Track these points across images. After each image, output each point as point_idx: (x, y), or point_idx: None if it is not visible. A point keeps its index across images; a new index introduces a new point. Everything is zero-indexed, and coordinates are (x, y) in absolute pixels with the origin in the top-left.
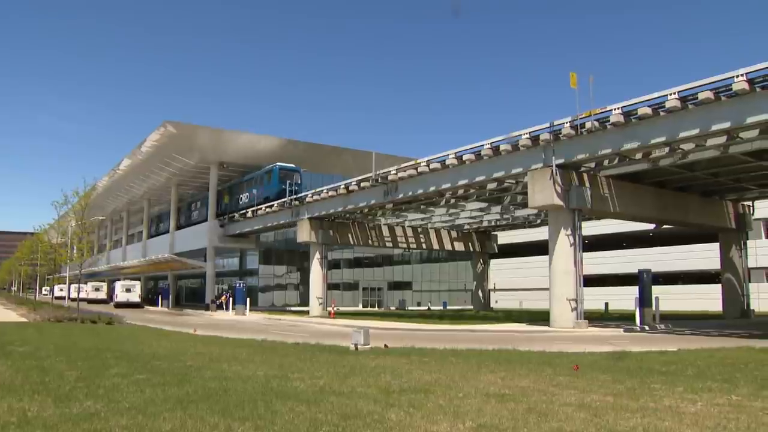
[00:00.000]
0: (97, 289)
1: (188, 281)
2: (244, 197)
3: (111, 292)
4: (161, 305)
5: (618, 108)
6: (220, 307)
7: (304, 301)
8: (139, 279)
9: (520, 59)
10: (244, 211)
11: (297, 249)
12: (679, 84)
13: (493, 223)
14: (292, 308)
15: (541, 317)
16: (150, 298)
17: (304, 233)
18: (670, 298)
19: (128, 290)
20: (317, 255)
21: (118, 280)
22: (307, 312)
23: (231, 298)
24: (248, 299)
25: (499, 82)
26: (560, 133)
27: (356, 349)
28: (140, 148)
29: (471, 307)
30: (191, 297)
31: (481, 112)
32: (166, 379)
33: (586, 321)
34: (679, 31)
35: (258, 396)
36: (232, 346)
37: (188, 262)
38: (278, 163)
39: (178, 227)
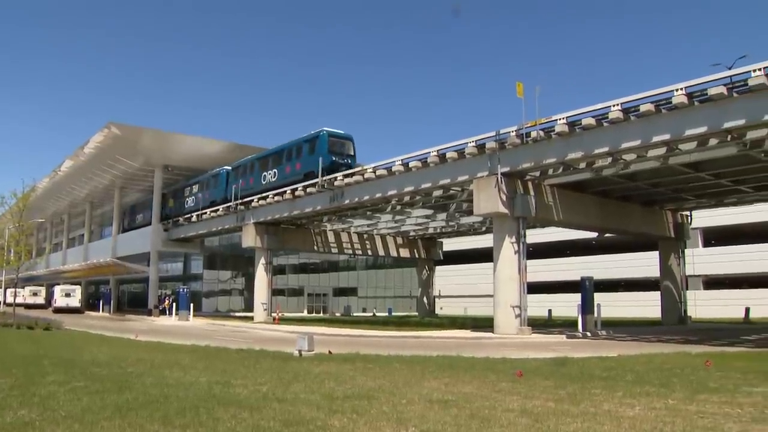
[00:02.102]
0: (35, 294)
1: (131, 286)
2: (270, 175)
3: (50, 296)
4: (102, 310)
5: (563, 118)
6: (163, 312)
7: (249, 306)
8: (79, 283)
9: (483, 66)
10: (188, 215)
11: (242, 254)
12: (623, 95)
13: (438, 230)
14: (237, 314)
15: (485, 324)
16: (91, 302)
17: (250, 238)
18: (611, 305)
19: (68, 295)
20: (262, 260)
21: (58, 284)
22: (252, 318)
23: (174, 304)
24: (192, 304)
25: (465, 92)
26: (506, 142)
27: (300, 355)
28: (83, 149)
29: (416, 313)
30: (134, 302)
31: (445, 123)
32: (105, 386)
33: (530, 327)
34: (636, 41)
35: (200, 403)
36: (175, 352)
37: (131, 266)
38: (326, 128)
39: (130, 229)
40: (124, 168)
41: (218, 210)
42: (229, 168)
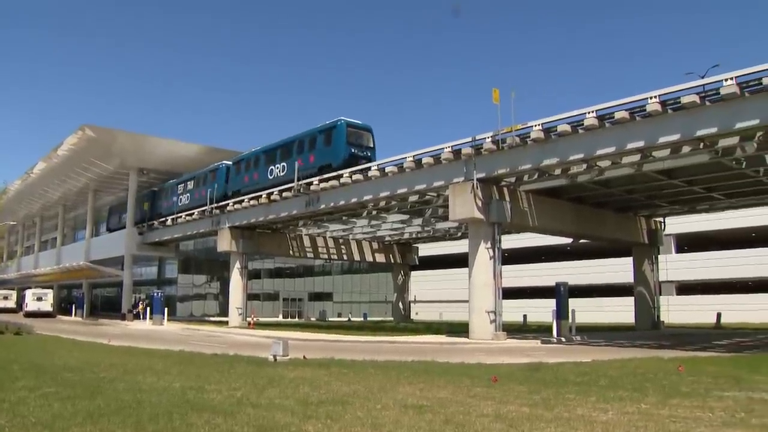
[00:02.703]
0: (5, 298)
1: (104, 290)
2: (279, 169)
3: (21, 300)
4: (75, 315)
5: (538, 124)
6: (136, 316)
7: (224, 311)
8: (51, 287)
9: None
10: (163, 219)
11: (217, 258)
12: (598, 103)
13: (414, 235)
14: (211, 318)
15: (460, 329)
16: (63, 307)
17: (225, 242)
18: (586, 311)
19: (39, 299)
20: (237, 264)
21: (29, 288)
22: (227, 322)
23: (148, 308)
24: (166, 309)
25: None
26: (482, 148)
27: (275, 360)
28: (56, 151)
29: (391, 318)
30: (107, 306)
31: (438, 126)
32: (77, 392)
33: (505, 333)
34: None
35: (173, 408)
36: (148, 357)
37: (104, 270)
38: (343, 118)
39: (116, 229)
40: (98, 171)
41: (194, 214)
42: (230, 162)
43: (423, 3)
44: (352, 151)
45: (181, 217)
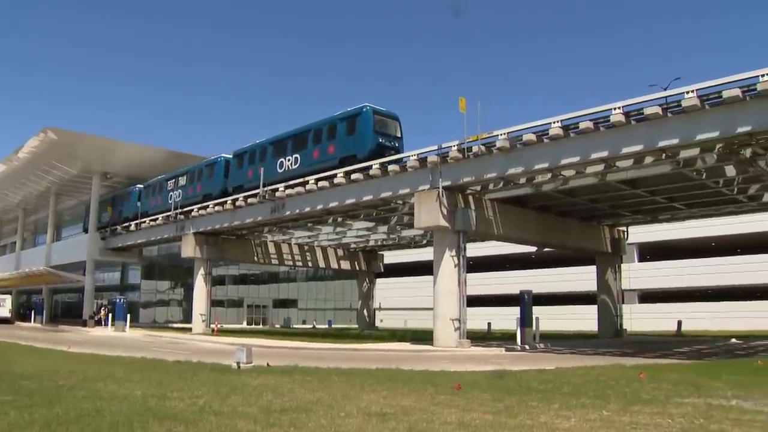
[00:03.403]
0: None
1: (65, 296)
2: (290, 161)
3: None
4: (34, 321)
5: (504, 133)
6: (98, 323)
7: (188, 317)
8: (9, 293)
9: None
10: (127, 224)
11: (181, 264)
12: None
13: (379, 243)
14: (175, 325)
15: (425, 336)
16: (22, 313)
17: (189, 248)
18: (550, 318)
19: None
20: (201, 270)
21: None
22: (190, 329)
23: (110, 314)
24: (129, 315)
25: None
26: (448, 156)
27: (238, 367)
28: (17, 154)
29: (356, 325)
30: (68, 312)
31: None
32: (34, 400)
33: (469, 340)
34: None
35: (134, 417)
36: (109, 364)
37: (65, 275)
38: (368, 104)
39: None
40: (60, 174)
41: (157, 219)
42: (229, 156)
43: (420, 4)
44: (380, 140)
45: (144, 222)
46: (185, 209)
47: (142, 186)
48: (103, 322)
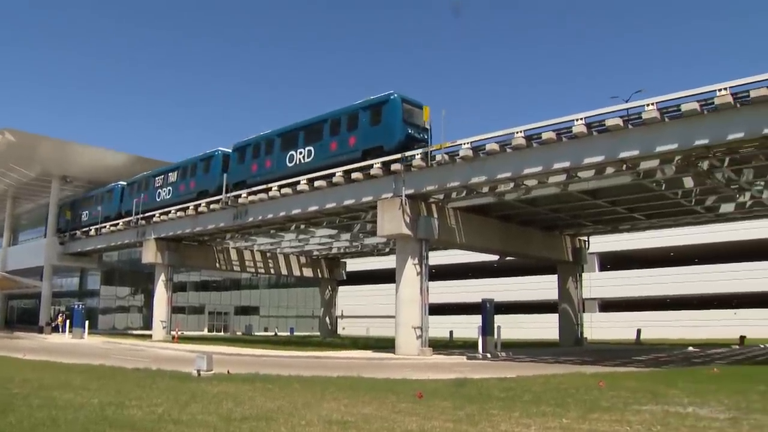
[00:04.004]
0: None
1: (21, 301)
2: (302, 155)
3: None
4: None
5: (467, 143)
6: (55, 329)
7: (148, 324)
8: None
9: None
10: (86, 228)
11: (142, 270)
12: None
13: (342, 250)
14: (135, 332)
15: (387, 344)
16: None
17: (150, 254)
18: (511, 327)
19: None
20: (162, 277)
21: None
22: (150, 336)
23: (68, 321)
24: (87, 321)
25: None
26: (411, 164)
27: (199, 375)
28: None
29: (318, 333)
30: (24, 318)
31: None
32: None
33: (431, 348)
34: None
35: (90, 426)
36: (66, 372)
37: (21, 280)
38: (394, 92)
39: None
40: (17, 177)
41: (118, 224)
42: (228, 150)
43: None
44: (409, 131)
45: (105, 227)
46: (146, 215)
47: (124, 183)
48: (60, 329)
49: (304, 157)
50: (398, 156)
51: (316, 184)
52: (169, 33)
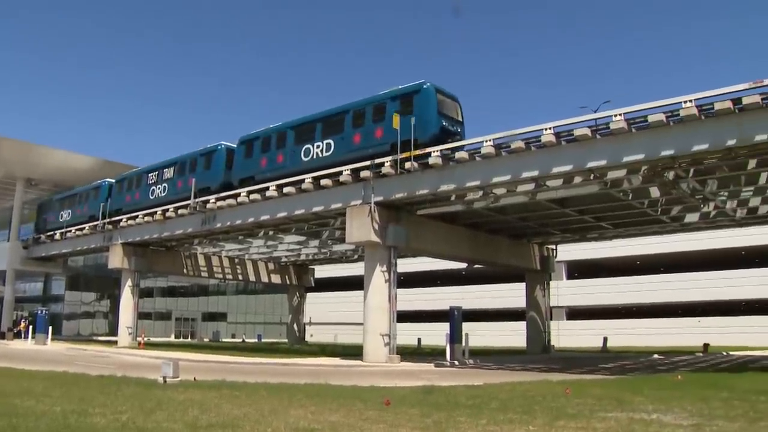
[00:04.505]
0: None
1: None
2: (320, 149)
3: None
4: None
5: (437, 151)
6: (17, 335)
7: (113, 330)
8: None
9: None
10: (51, 232)
11: (108, 275)
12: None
13: (310, 257)
14: (100, 338)
15: (355, 351)
16: None
17: (117, 259)
18: (479, 334)
19: None
20: (129, 282)
21: None
22: (116, 342)
23: (31, 326)
24: (51, 327)
25: None
26: (381, 172)
27: (164, 382)
28: None
29: (286, 340)
30: None
31: None
32: None
33: (399, 356)
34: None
35: None
36: (28, 379)
37: None
38: (427, 82)
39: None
40: None
41: (84, 228)
42: (232, 144)
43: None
44: (443, 124)
45: (70, 231)
46: (113, 219)
47: (112, 180)
48: (23, 335)
49: (322, 150)
50: (368, 163)
51: (285, 190)
52: (140, 34)
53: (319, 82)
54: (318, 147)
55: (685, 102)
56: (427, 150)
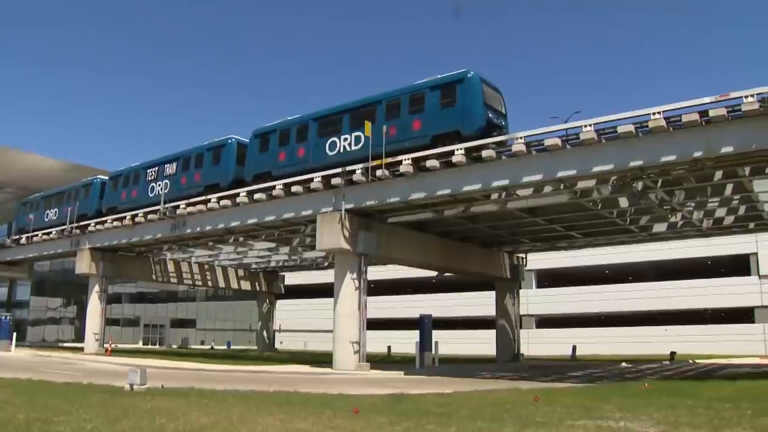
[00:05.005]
0: None
1: None
2: (348, 142)
3: None
4: None
5: (408, 159)
6: None
7: (80, 337)
8: None
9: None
10: (17, 236)
11: (75, 281)
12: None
13: (281, 264)
14: (66, 344)
15: (325, 359)
16: None
17: (84, 264)
18: (449, 342)
19: None
20: (96, 288)
21: None
22: (82, 349)
23: None
24: (15, 333)
25: None
26: (352, 179)
27: (132, 389)
28: None
29: (255, 347)
30: None
31: None
32: None
33: (369, 364)
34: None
35: None
36: None
37: None
38: (471, 71)
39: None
40: None
41: (51, 233)
42: (243, 139)
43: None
44: (489, 116)
45: (37, 235)
46: (81, 224)
47: (105, 177)
48: None
49: (350, 144)
50: (338, 170)
51: (256, 196)
52: (109, 34)
53: (316, 84)
54: (346, 140)
55: (654, 114)
56: (399, 158)
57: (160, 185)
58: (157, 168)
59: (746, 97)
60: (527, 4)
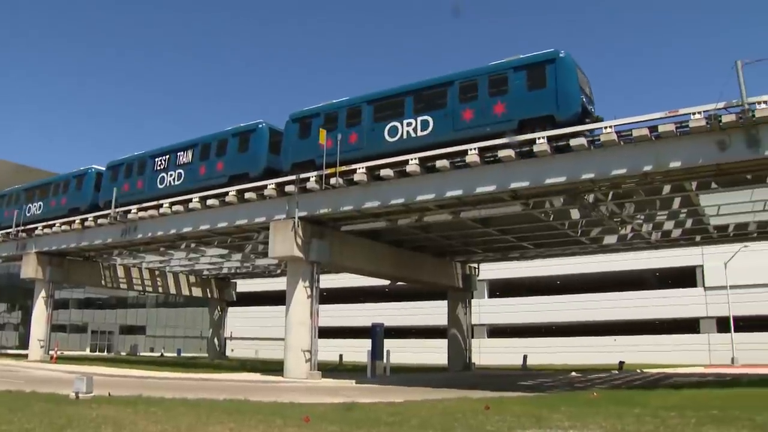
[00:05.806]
0: None
1: None
2: (411, 126)
3: None
4: None
5: (362, 167)
6: None
7: (24, 343)
8: None
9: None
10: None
11: (20, 285)
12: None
13: (233, 271)
14: (9, 351)
15: (276, 367)
16: None
17: (30, 269)
18: (401, 351)
19: None
20: (43, 293)
21: None
22: (26, 356)
23: None
24: None
25: None
26: (306, 186)
27: (77, 397)
28: None
29: (206, 354)
30: None
31: None
32: None
33: (320, 372)
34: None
35: None
36: None
37: None
38: (562, 51)
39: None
40: None
41: None
42: (275, 126)
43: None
44: (584, 100)
45: None
46: (27, 227)
47: (101, 168)
48: None
49: (415, 129)
50: (293, 177)
51: (209, 202)
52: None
53: (316, 83)
54: (410, 125)
55: (606, 128)
56: (354, 166)
57: (172, 175)
58: (168, 156)
59: (694, 114)
60: (527, 4)
